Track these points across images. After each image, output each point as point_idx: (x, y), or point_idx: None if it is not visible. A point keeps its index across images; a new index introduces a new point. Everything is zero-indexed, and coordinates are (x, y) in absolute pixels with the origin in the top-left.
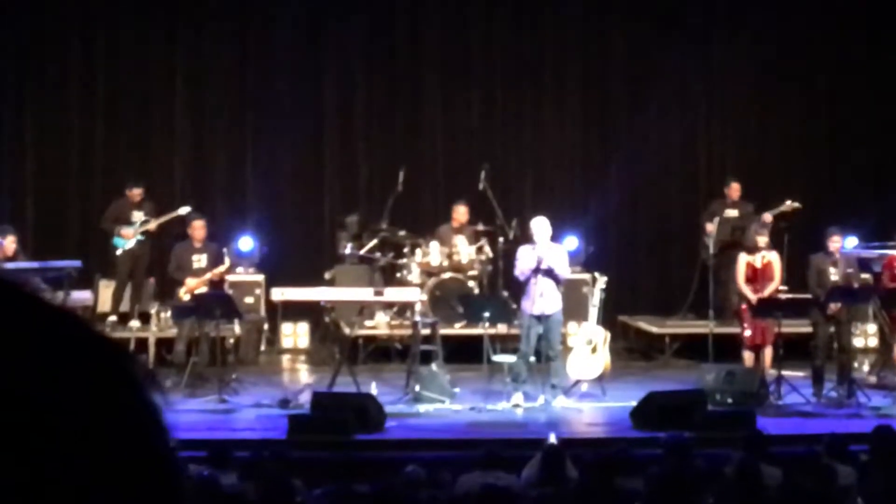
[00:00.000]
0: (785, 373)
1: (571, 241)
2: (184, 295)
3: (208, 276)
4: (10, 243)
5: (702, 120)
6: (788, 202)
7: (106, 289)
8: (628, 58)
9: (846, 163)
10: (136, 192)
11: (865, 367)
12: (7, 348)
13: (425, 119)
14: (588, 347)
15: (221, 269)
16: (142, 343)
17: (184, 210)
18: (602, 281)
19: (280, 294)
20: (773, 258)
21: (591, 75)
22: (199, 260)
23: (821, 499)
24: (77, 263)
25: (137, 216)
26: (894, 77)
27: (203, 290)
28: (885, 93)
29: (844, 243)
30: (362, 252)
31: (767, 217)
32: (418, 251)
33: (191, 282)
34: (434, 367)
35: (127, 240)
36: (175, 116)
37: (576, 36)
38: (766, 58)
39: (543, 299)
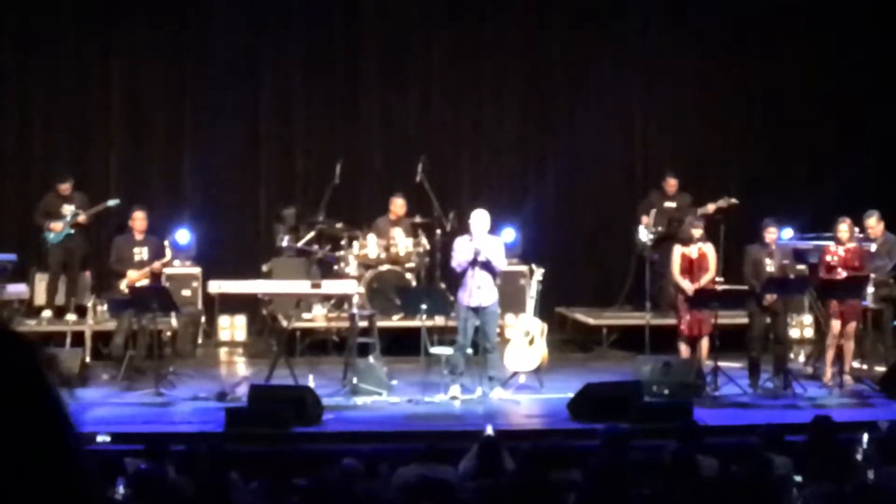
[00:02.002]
0: (721, 364)
1: (509, 233)
2: (125, 287)
3: (148, 268)
4: None
5: (639, 113)
6: (725, 197)
7: (42, 282)
8: (566, 50)
9: (783, 154)
10: (65, 187)
11: (801, 358)
12: None
13: (362, 111)
14: (525, 339)
15: (164, 261)
16: (78, 336)
17: (112, 202)
18: (539, 273)
19: (217, 287)
20: (708, 249)
21: (528, 68)
22: (140, 252)
23: (757, 489)
24: (12, 257)
25: (68, 209)
26: (831, 70)
27: (144, 282)
28: (822, 84)
29: (780, 234)
30: (299, 244)
31: (710, 207)
32: (355, 243)
33: (132, 274)
34: (371, 359)
35: (56, 233)
36: (111, 110)
37: (514, 28)
38: (704, 51)
39: (480, 291)
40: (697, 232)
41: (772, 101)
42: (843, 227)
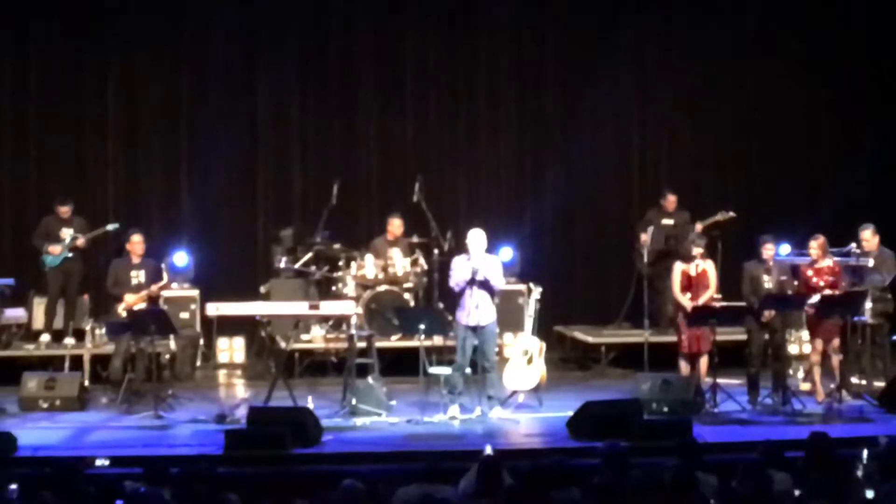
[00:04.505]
0: (720, 380)
1: (506, 252)
2: (122, 311)
3: (146, 292)
4: None
5: (636, 130)
6: (722, 212)
7: (40, 306)
8: (562, 69)
9: (779, 170)
10: (65, 209)
11: (800, 374)
12: None
13: (359, 132)
14: (524, 358)
15: (161, 284)
16: (77, 360)
17: (111, 226)
18: (537, 291)
19: (215, 309)
20: (709, 267)
21: (524, 86)
22: (138, 276)
23: None
24: (10, 281)
25: (66, 233)
26: (827, 85)
27: (141, 305)
28: (818, 100)
29: (778, 250)
30: (297, 266)
31: (698, 227)
32: (353, 264)
33: (129, 297)
34: (370, 379)
35: (54, 256)
36: (108, 132)
37: (509, 47)
38: (700, 68)
39: (478, 311)
40: (698, 250)
41: (768, 118)
42: (813, 245)
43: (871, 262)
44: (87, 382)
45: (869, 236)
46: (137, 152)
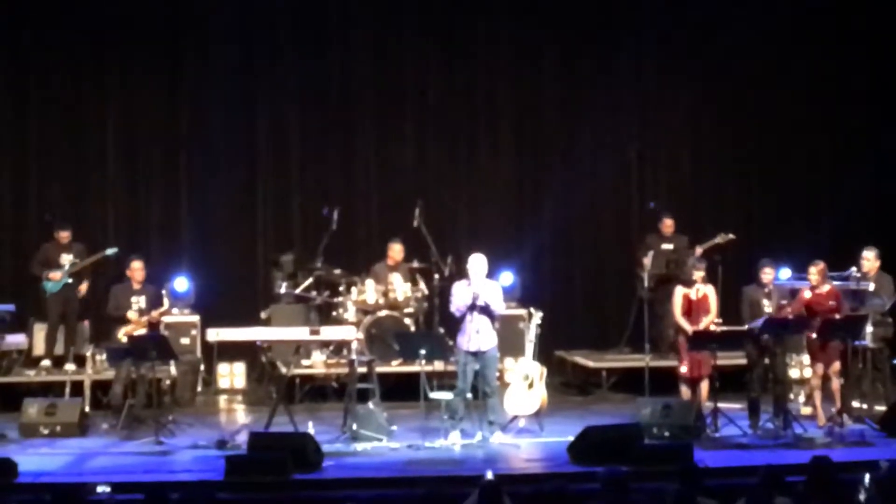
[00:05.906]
0: (721, 405)
1: (507, 277)
2: (123, 337)
3: (146, 318)
4: None
5: (634, 155)
6: (722, 234)
7: (40, 332)
8: (560, 93)
9: (779, 194)
10: (64, 235)
11: (801, 398)
12: None
13: (358, 157)
14: (525, 383)
15: (161, 310)
16: (77, 386)
17: (110, 251)
18: (538, 316)
19: (216, 334)
20: (709, 291)
21: (523, 111)
22: (138, 301)
23: None
24: (10, 307)
25: (66, 259)
26: (827, 108)
27: (142, 331)
28: (818, 123)
29: (778, 274)
30: (297, 291)
31: (698, 251)
32: (354, 289)
33: (131, 315)
34: (371, 405)
35: (55, 282)
36: (108, 158)
37: (508, 72)
38: (698, 92)
39: (479, 336)
40: (699, 274)
41: (768, 140)
42: (813, 271)
43: (871, 286)
44: (87, 408)
45: (872, 258)
46: (137, 178)
